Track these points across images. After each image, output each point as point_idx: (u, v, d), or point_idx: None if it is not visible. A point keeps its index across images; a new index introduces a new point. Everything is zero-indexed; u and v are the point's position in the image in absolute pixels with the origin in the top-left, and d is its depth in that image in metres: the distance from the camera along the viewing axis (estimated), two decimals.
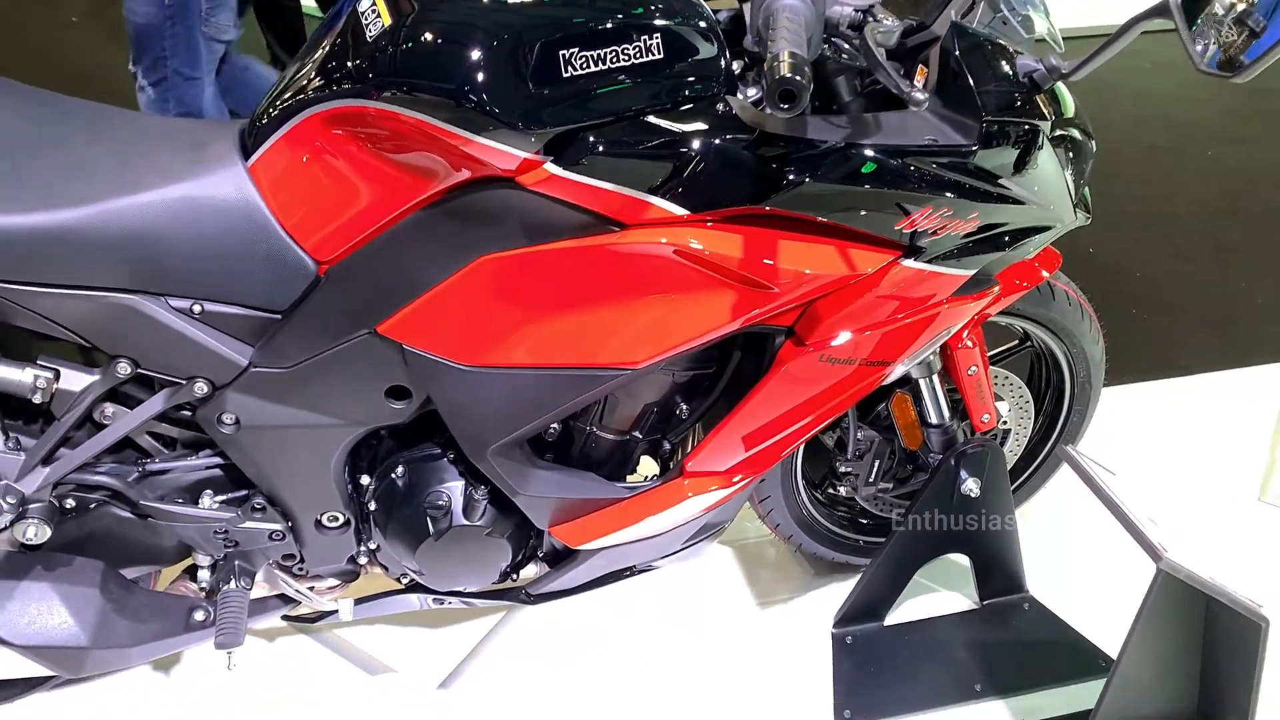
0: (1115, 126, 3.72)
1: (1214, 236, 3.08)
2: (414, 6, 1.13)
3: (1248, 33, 1.00)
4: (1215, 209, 3.22)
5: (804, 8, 1.04)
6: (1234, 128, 3.67)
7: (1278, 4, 0.98)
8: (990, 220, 1.30)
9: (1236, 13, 1.01)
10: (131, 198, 1.20)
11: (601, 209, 1.18)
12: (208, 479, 1.41)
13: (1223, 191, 3.32)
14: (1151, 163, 3.48)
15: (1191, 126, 3.71)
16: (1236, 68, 1.02)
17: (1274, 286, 2.86)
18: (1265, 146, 3.57)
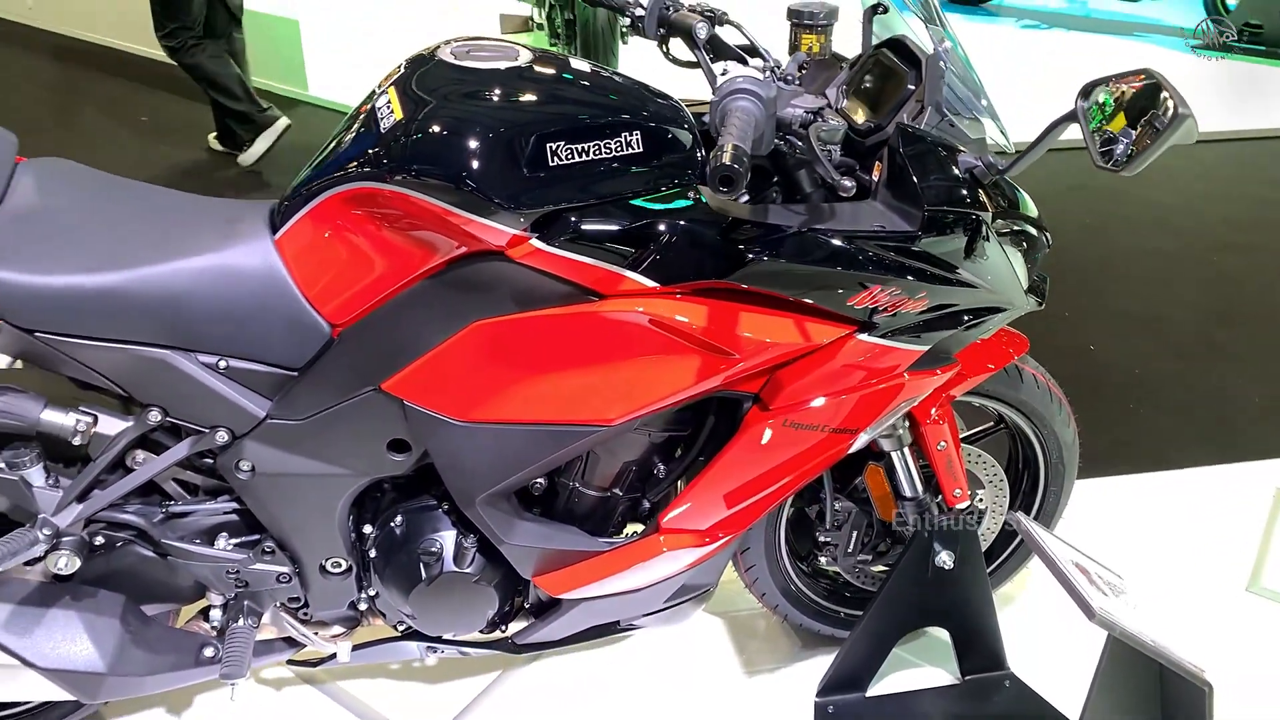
0: (1122, 231, 3.84)
1: (1212, 338, 3.16)
2: (421, 104, 1.31)
3: (1134, 138, 1.15)
4: (1214, 312, 3.31)
5: (754, 109, 1.19)
6: (1236, 235, 3.78)
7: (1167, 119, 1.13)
8: (940, 300, 1.42)
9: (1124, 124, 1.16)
10: (169, 264, 1.36)
11: (581, 280, 1.32)
12: (223, 523, 1.54)
13: (1222, 296, 3.41)
14: (1154, 266, 3.59)
15: (1195, 233, 3.82)
16: (1124, 165, 1.17)
17: (1268, 388, 2.92)
18: (1267, 253, 3.66)
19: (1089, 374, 2.97)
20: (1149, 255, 3.66)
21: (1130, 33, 6.39)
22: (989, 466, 1.87)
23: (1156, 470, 2.59)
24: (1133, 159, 1.17)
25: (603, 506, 1.57)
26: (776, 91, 1.24)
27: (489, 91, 1.32)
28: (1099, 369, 3.00)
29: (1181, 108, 1.12)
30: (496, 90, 1.33)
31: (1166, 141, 1.13)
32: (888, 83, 1.47)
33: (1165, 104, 1.14)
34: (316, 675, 1.92)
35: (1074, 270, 3.55)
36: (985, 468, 1.87)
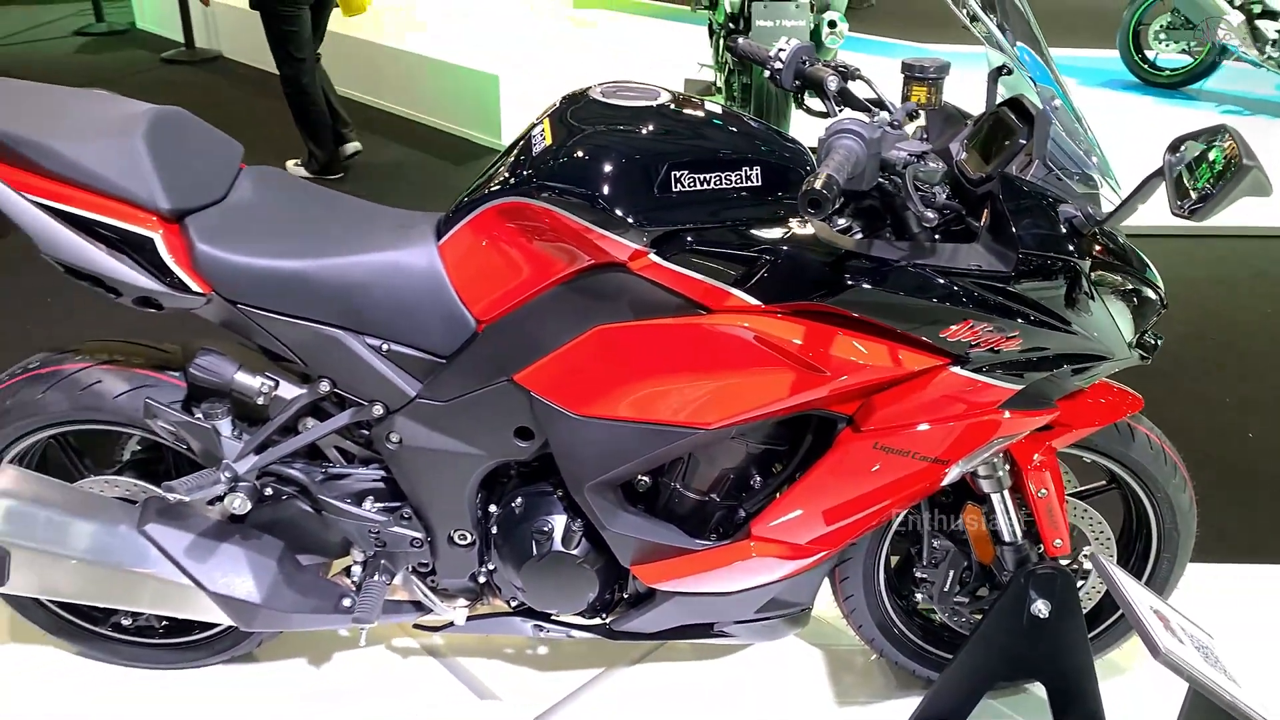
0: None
1: None
2: (569, 133, 1.51)
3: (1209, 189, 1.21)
4: None
5: (856, 147, 1.32)
6: None
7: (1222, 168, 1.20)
8: (1034, 342, 1.49)
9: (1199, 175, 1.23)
10: (350, 258, 1.61)
11: (692, 294, 1.48)
12: (371, 489, 1.76)
13: None
14: None
15: None
16: (1195, 213, 1.24)
17: None
18: None
19: (1244, 460, 2.86)
20: None
21: None
22: (1096, 523, 1.87)
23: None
24: (1202, 207, 1.22)
25: (700, 510, 1.69)
26: (881, 134, 1.36)
27: (627, 125, 1.51)
28: (1255, 455, 2.88)
29: (1247, 159, 1.16)
30: (634, 124, 1.51)
31: (1232, 191, 1.18)
32: (1003, 138, 1.56)
33: (1236, 157, 1.19)
34: (439, 648, 2.11)
35: (1245, 358, 3.41)
36: (1092, 524, 1.87)
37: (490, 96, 5.35)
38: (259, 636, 1.98)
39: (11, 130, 1.55)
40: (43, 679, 2.00)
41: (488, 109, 5.38)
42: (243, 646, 2.00)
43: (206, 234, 1.59)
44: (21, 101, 1.63)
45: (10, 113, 1.59)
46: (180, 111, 1.66)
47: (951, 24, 3.61)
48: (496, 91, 5.33)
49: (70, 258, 1.57)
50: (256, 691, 2.00)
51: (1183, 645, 1.40)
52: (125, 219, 1.56)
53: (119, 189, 1.55)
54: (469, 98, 5.49)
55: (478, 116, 5.46)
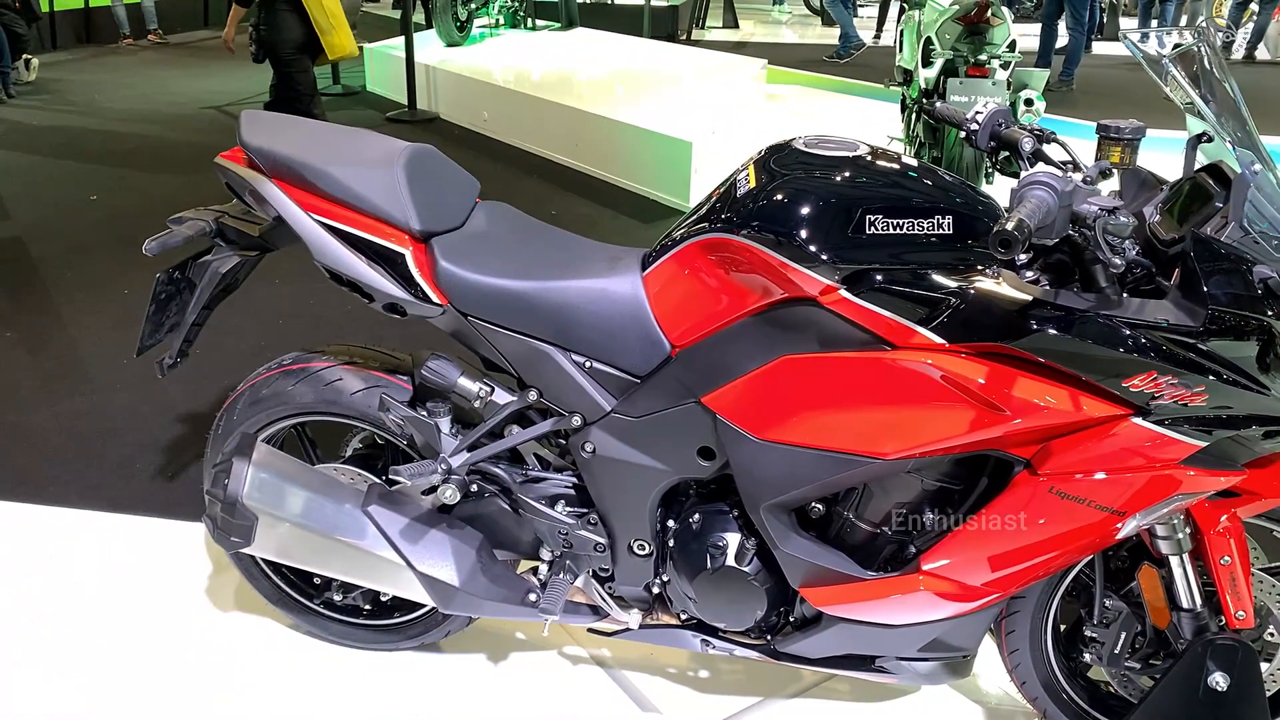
0: None
1: None
2: (771, 177, 1.65)
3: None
4: None
5: (1048, 197, 1.40)
6: None
7: None
8: (1220, 400, 1.49)
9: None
10: (565, 283, 1.79)
11: (877, 330, 1.58)
12: (563, 494, 1.93)
13: None
14: None
15: None
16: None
17: None
18: None
19: None
20: None
21: None
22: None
23: None
24: None
25: (871, 541, 1.76)
26: (1073, 187, 1.43)
27: (825, 171, 1.64)
28: None
29: None
30: (831, 171, 1.64)
31: None
32: (1199, 202, 1.60)
33: None
34: (606, 659, 2.24)
35: None
36: (1277, 599, 1.82)
37: (683, 161, 5.61)
38: (448, 627, 2.16)
39: (298, 157, 1.83)
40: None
41: (679, 172, 5.64)
42: (432, 635, 2.19)
43: (448, 254, 1.82)
44: (307, 134, 1.92)
45: (297, 143, 1.88)
46: (432, 149, 1.91)
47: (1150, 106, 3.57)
48: (689, 156, 5.58)
49: (336, 265, 1.83)
50: (437, 681, 2.18)
51: None
52: (383, 236, 1.81)
53: (380, 210, 1.81)
54: (663, 162, 5.77)
55: (669, 179, 5.73)
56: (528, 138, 6.99)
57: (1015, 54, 4.79)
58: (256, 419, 2.02)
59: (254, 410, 2.02)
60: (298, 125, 1.96)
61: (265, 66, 5.38)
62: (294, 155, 1.83)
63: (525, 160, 6.77)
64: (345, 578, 1.97)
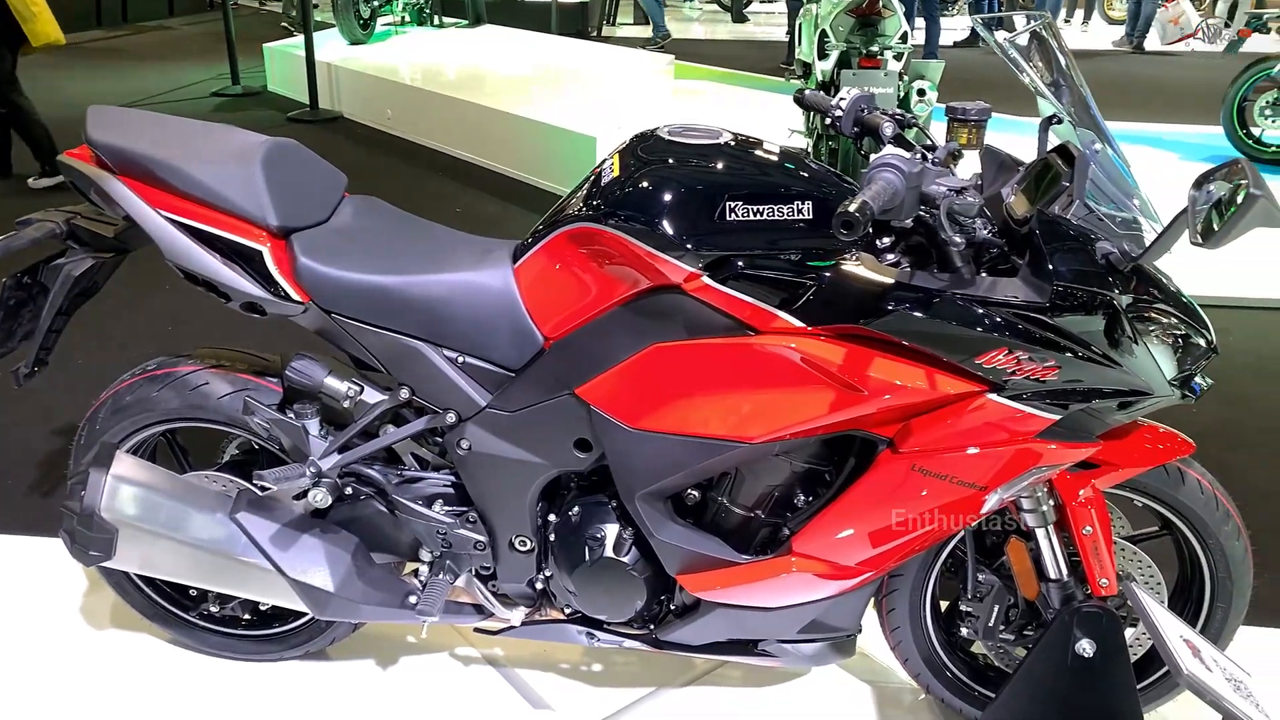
0: None
1: None
2: (635, 165, 1.64)
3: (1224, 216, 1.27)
4: None
5: (895, 179, 1.42)
6: None
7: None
8: (1070, 374, 1.54)
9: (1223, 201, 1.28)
10: (433, 276, 1.76)
11: (741, 316, 1.58)
12: (441, 493, 1.89)
13: None
14: None
15: None
16: (1207, 241, 1.31)
17: None
18: None
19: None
20: None
21: None
22: (1145, 567, 1.88)
23: None
24: (1215, 235, 1.28)
25: (745, 525, 1.77)
26: (921, 169, 1.46)
27: (688, 159, 1.64)
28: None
29: (1255, 188, 1.22)
30: (695, 159, 1.64)
31: (1242, 219, 1.23)
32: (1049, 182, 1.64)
33: (1244, 187, 1.25)
34: (499, 658, 2.21)
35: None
36: (1141, 567, 1.88)
37: (587, 157, 5.59)
38: (332, 634, 2.11)
39: (148, 152, 1.77)
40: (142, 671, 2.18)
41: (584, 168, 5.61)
42: (316, 643, 2.13)
43: (309, 250, 1.77)
44: (159, 129, 1.86)
45: (148, 138, 1.81)
46: (293, 143, 1.86)
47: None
48: (594, 152, 5.57)
49: (189, 264, 1.76)
50: (325, 689, 2.13)
51: (1210, 673, 1.40)
52: (239, 233, 1.75)
53: (235, 206, 1.75)
54: (568, 157, 5.74)
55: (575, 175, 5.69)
56: (433, 135, 6.91)
57: (907, 45, 4.88)
58: (120, 428, 1.95)
59: (117, 419, 1.95)
60: (148, 120, 1.89)
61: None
62: (143, 151, 1.77)
63: (431, 158, 6.69)
64: (216, 588, 1.91)
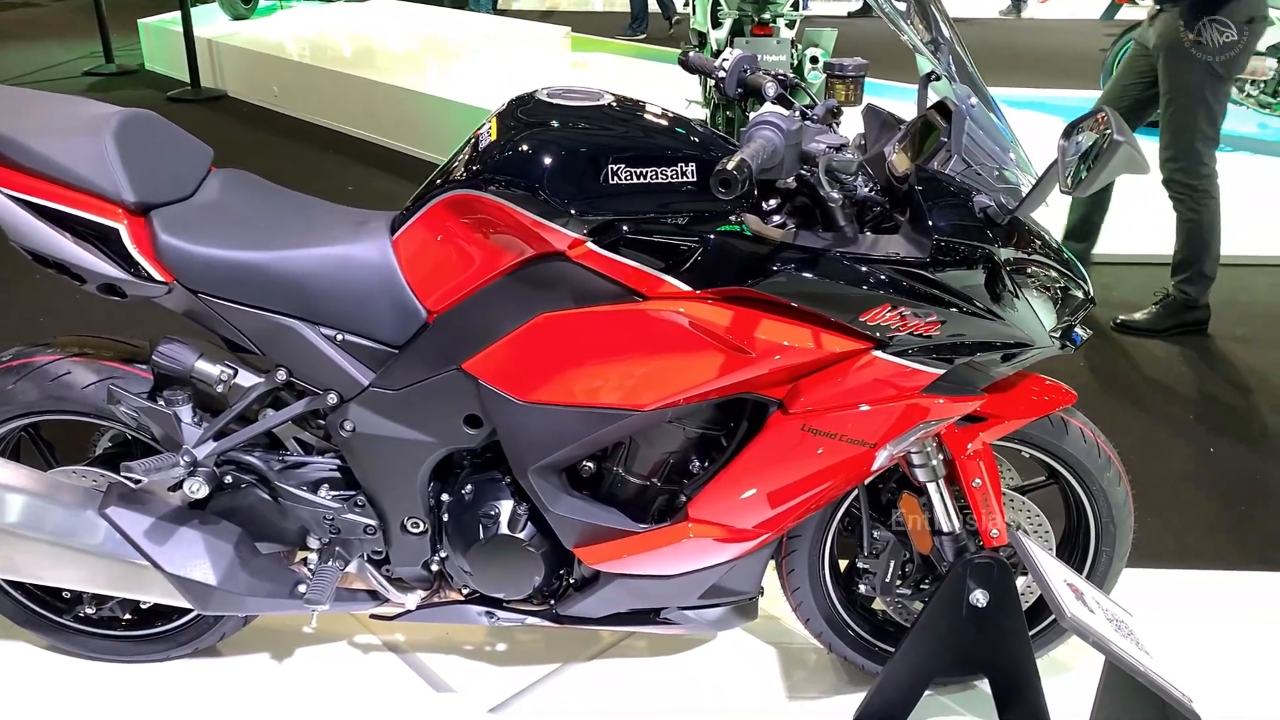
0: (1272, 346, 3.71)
1: None
2: (513, 129, 1.59)
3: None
4: None
5: (774, 137, 1.39)
6: None
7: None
8: (953, 328, 1.55)
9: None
10: (306, 250, 1.68)
11: (627, 281, 1.55)
12: (327, 477, 1.82)
13: None
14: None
15: None
16: (1074, 187, 1.34)
17: None
18: None
19: (1204, 474, 2.90)
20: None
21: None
22: (1034, 516, 1.92)
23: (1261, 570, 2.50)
24: (1081, 182, 1.30)
25: (642, 494, 1.75)
26: (799, 126, 1.44)
27: (569, 122, 1.60)
28: (1214, 469, 2.93)
29: (1118, 135, 1.24)
30: (575, 121, 1.60)
31: (1107, 165, 1.25)
32: (930, 138, 1.65)
33: (1109, 135, 1.27)
34: (400, 644, 2.16)
35: (1210, 381, 3.47)
36: (1030, 517, 1.92)
37: None
38: (221, 629, 2.02)
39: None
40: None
41: None
42: (206, 639, 2.04)
43: (171, 227, 1.68)
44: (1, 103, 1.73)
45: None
46: (149, 114, 1.75)
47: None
48: None
49: (36, 245, 1.65)
50: (220, 685, 2.04)
51: (1093, 615, 1.44)
52: (92, 210, 1.64)
53: (87, 183, 1.64)
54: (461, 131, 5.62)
55: None
56: (323, 112, 6.69)
57: (799, 13, 4.90)
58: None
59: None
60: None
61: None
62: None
63: (321, 136, 6.48)
64: (88, 588, 1.81)
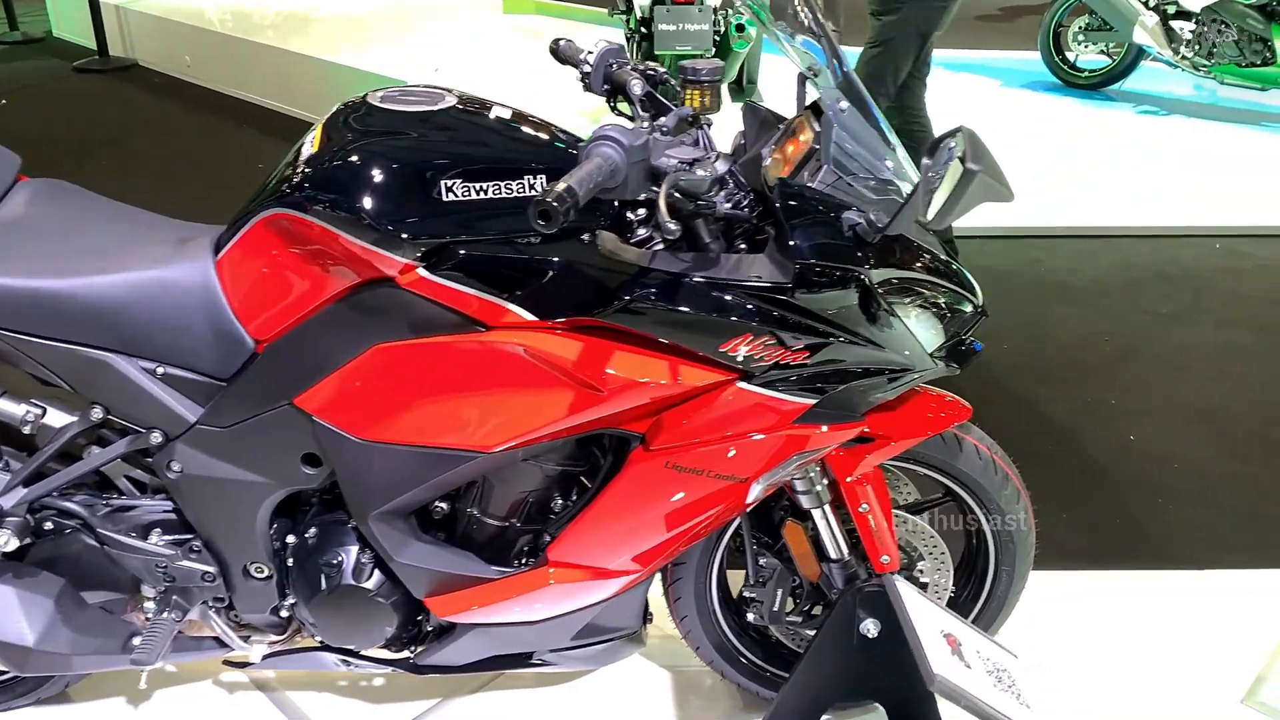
0: (1198, 323, 3.65)
1: (1271, 438, 2.96)
2: (334, 140, 1.42)
3: None
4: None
5: (615, 155, 1.24)
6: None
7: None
8: (822, 356, 1.42)
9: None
10: (115, 276, 1.51)
11: (467, 310, 1.40)
12: (160, 520, 1.66)
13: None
14: (1224, 360, 3.39)
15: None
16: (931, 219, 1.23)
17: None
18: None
19: (1124, 464, 2.83)
20: (1221, 349, 3.46)
21: (1258, 123, 6.08)
22: (928, 538, 1.81)
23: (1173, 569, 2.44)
24: (939, 213, 1.16)
25: (501, 536, 1.61)
26: (644, 141, 1.29)
27: (399, 131, 1.43)
28: (1134, 459, 2.85)
29: (971, 163, 1.11)
30: (406, 130, 1.43)
31: (962, 196, 1.12)
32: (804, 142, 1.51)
33: (963, 162, 1.13)
34: (269, 681, 2.01)
35: (1133, 360, 3.39)
36: (924, 539, 1.81)
37: None
38: (63, 679, 1.87)
39: None
40: None
41: None
42: (51, 687, 1.89)
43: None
44: None
45: None
46: None
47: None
48: None
49: None
50: None
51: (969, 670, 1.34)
52: None
53: None
54: None
55: None
56: (237, 84, 6.40)
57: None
58: None
59: None
60: None
61: None
62: None
63: (235, 108, 6.20)
64: None
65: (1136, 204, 4.71)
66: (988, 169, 1.11)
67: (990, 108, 6.22)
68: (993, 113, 6.08)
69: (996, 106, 6.27)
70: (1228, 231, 4.42)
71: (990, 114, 6.02)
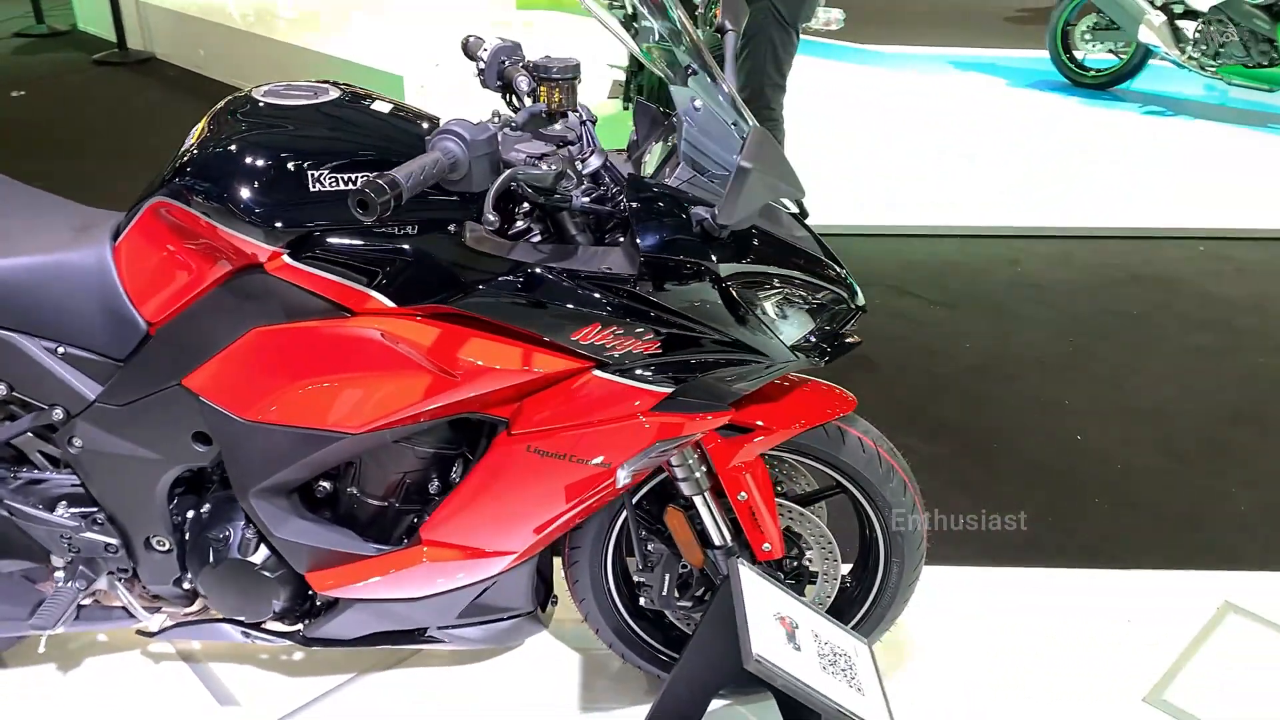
0: (1166, 324, 3.63)
1: (1220, 442, 2.94)
2: (212, 131, 1.49)
3: None
4: (1236, 415, 3.07)
5: (457, 149, 1.30)
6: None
7: None
8: (675, 347, 1.46)
9: None
10: (16, 260, 1.59)
11: (331, 296, 1.46)
12: (66, 494, 1.75)
13: (1252, 399, 3.16)
14: (1186, 363, 3.37)
15: (1250, 334, 3.56)
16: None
17: (1261, 497, 2.69)
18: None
19: (1067, 463, 2.83)
20: (1185, 352, 3.44)
21: (1264, 124, 5.99)
22: (813, 527, 1.85)
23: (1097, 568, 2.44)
24: (723, 210, 1.20)
25: (381, 515, 1.68)
26: (490, 135, 1.34)
27: (273, 124, 1.50)
28: (1079, 458, 2.86)
29: (744, 160, 1.14)
30: (282, 123, 1.50)
31: (739, 193, 1.16)
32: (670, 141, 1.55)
33: (740, 158, 1.17)
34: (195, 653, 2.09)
35: (1094, 360, 3.39)
36: (809, 527, 1.85)
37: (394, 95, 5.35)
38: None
39: None
40: None
41: None
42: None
43: None
44: None
45: None
46: None
47: (938, 27, 3.53)
48: (401, 91, 5.32)
49: None
50: None
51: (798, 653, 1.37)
52: None
53: None
54: None
55: None
56: (249, 77, 6.51)
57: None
58: None
59: None
60: None
61: None
62: None
63: None
64: None
65: (1124, 205, 4.68)
66: (766, 167, 1.15)
67: (994, 106, 6.19)
68: (996, 111, 6.06)
69: (1001, 105, 6.24)
70: (1212, 234, 4.38)
71: (993, 113, 6.00)
